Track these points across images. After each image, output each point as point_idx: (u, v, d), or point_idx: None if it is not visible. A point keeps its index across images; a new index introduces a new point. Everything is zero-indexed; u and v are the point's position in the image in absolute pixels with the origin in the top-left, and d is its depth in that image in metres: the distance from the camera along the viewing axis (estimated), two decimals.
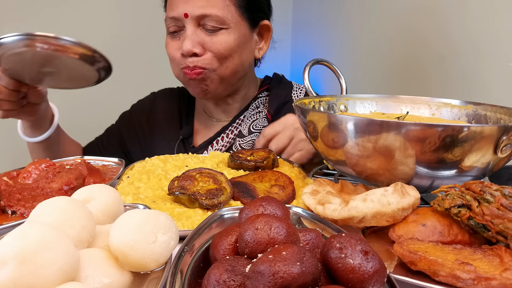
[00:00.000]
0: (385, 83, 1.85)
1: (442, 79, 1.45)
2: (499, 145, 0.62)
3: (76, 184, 0.72)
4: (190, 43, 1.08)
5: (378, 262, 0.38)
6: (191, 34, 1.09)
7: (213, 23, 1.09)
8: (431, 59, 1.52)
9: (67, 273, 0.40)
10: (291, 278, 0.34)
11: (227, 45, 1.10)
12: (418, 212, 0.59)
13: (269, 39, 1.25)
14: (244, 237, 0.41)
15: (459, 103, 0.88)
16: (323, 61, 0.96)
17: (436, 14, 1.48)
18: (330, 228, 0.55)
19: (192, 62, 1.10)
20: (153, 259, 0.46)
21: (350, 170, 0.73)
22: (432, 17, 1.51)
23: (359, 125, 0.65)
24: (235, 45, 1.12)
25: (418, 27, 1.61)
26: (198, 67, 1.10)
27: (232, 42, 1.11)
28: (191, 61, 1.10)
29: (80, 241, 0.47)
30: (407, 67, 1.69)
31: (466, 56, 1.33)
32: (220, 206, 0.67)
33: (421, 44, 1.58)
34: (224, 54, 1.11)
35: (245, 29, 1.16)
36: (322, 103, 0.91)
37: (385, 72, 1.85)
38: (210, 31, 1.10)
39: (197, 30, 1.10)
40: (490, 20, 1.23)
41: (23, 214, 0.64)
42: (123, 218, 0.47)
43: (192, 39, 1.09)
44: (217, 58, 1.11)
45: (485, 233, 0.53)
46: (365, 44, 2.00)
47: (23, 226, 0.40)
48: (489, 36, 1.23)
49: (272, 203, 0.50)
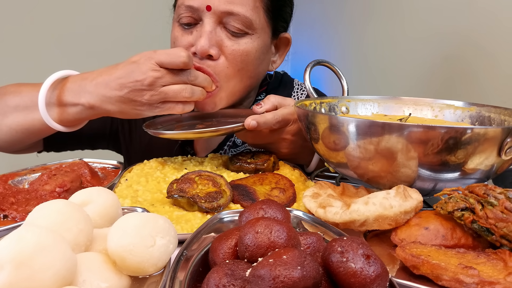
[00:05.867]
0: (387, 84, 1.85)
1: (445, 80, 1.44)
2: (503, 147, 0.62)
3: (71, 187, 0.72)
4: (207, 42, 0.91)
5: (380, 266, 0.38)
6: (210, 31, 0.91)
7: (239, 25, 0.93)
8: (433, 60, 1.51)
9: (64, 277, 0.39)
10: (291, 282, 0.34)
11: (247, 57, 0.95)
12: (421, 216, 0.59)
13: (285, 53, 1.12)
14: (244, 240, 0.41)
15: (462, 105, 0.87)
16: (324, 62, 0.96)
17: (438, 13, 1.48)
18: (331, 232, 0.55)
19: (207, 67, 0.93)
20: (152, 263, 0.45)
21: (351, 173, 0.73)
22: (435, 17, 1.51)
23: (360, 127, 0.64)
24: (254, 57, 0.97)
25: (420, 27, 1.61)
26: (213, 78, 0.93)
27: (253, 54, 0.96)
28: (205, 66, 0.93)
29: (77, 245, 0.46)
30: (408, 68, 1.69)
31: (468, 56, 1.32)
32: (220, 209, 0.67)
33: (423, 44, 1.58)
34: (240, 66, 0.95)
35: (268, 39, 1.02)
36: (323, 105, 0.91)
37: (387, 73, 1.84)
38: (232, 33, 0.94)
39: (217, 28, 0.93)
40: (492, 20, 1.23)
41: (15, 218, 0.64)
42: (121, 222, 0.47)
43: (211, 37, 0.91)
44: (231, 67, 0.95)
45: (489, 237, 0.53)
46: (366, 45, 1.99)
47: (19, 229, 0.40)
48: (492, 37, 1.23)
49: (273, 206, 0.50)
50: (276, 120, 0.86)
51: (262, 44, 0.99)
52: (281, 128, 0.90)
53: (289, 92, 1.23)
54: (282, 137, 0.91)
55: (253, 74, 1.01)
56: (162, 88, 0.81)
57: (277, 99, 0.92)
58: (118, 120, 1.22)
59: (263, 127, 0.86)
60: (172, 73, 0.82)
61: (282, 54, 1.12)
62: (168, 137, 0.88)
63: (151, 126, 0.93)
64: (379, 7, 1.88)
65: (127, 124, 1.23)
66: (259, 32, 0.97)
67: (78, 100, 0.85)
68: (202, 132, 0.85)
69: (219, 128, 0.85)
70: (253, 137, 0.92)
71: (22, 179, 0.81)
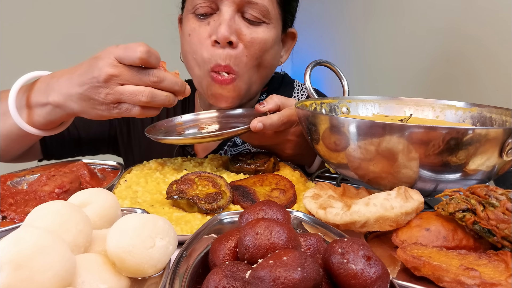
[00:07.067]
0: (388, 84, 1.84)
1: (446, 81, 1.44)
2: (504, 148, 0.61)
3: (70, 188, 0.71)
4: (227, 29, 0.91)
5: (381, 267, 0.38)
6: (229, 19, 0.92)
7: (257, 13, 0.95)
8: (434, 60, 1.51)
9: (63, 278, 0.39)
10: (292, 284, 0.33)
11: (265, 45, 0.97)
12: (422, 217, 0.58)
13: (291, 48, 1.14)
14: (244, 242, 0.41)
15: (464, 105, 0.87)
16: (325, 62, 0.96)
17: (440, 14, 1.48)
18: (332, 233, 0.54)
19: (228, 56, 0.93)
20: (151, 265, 0.45)
21: (352, 174, 0.72)
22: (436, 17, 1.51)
23: (361, 127, 0.64)
24: (270, 46, 0.99)
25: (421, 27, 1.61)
26: (230, 68, 0.94)
27: (270, 41, 0.99)
28: (226, 54, 0.93)
29: (76, 246, 0.46)
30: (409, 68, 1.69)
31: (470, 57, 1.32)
32: (220, 210, 0.66)
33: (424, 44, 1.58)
34: (258, 54, 0.97)
35: (279, 30, 1.04)
36: (323, 105, 0.91)
37: (388, 74, 1.84)
38: (250, 22, 0.95)
39: (235, 16, 0.94)
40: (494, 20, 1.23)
41: (14, 219, 0.63)
42: (120, 223, 0.47)
43: (230, 25, 0.92)
44: (250, 56, 0.96)
45: (490, 238, 0.53)
46: (367, 45, 1.99)
47: (18, 230, 0.40)
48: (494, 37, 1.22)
49: (273, 207, 0.50)
50: (282, 121, 0.85)
51: (276, 35, 1.01)
52: (286, 129, 0.89)
53: (290, 93, 1.23)
54: (287, 138, 0.90)
55: (268, 65, 1.03)
56: (117, 87, 0.75)
57: (280, 99, 0.91)
58: (116, 123, 1.21)
59: (269, 129, 0.85)
60: (132, 71, 0.75)
61: (288, 49, 1.14)
62: (170, 142, 0.87)
63: (153, 131, 0.91)
64: (380, 7, 1.88)
65: (125, 127, 1.22)
66: (274, 22, 0.99)
67: (46, 99, 0.81)
68: (205, 137, 0.84)
69: (222, 133, 0.84)
70: (258, 139, 0.91)
71: (21, 180, 0.80)
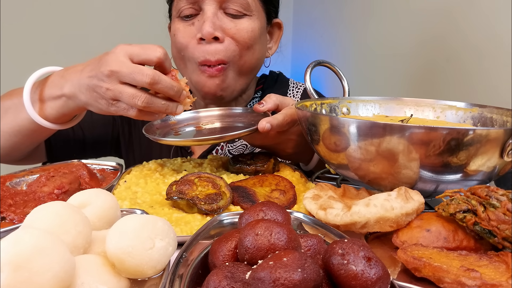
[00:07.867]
0: (388, 85, 1.84)
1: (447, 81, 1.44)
2: (505, 149, 0.61)
3: (69, 188, 0.71)
4: (211, 25, 0.96)
5: (381, 268, 0.38)
6: (212, 16, 0.97)
7: (237, 7, 0.99)
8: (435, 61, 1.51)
9: (63, 280, 0.39)
10: (292, 285, 0.33)
11: (252, 33, 1.01)
12: (422, 217, 0.58)
13: (279, 39, 1.18)
14: (244, 243, 0.41)
15: (464, 106, 0.87)
16: (325, 62, 0.96)
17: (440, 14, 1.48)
18: (332, 234, 0.54)
19: (216, 51, 0.97)
20: (151, 266, 0.45)
21: (352, 174, 0.72)
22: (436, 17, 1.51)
23: (361, 128, 0.64)
24: (257, 35, 1.03)
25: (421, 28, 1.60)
26: (221, 61, 0.98)
27: (256, 31, 1.02)
28: (213, 49, 0.97)
29: (75, 247, 0.46)
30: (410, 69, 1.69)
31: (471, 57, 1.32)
32: (220, 211, 0.66)
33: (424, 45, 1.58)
34: (248, 43, 1.01)
35: (264, 22, 1.08)
36: (324, 106, 0.91)
37: (388, 74, 1.84)
38: (232, 16, 1.00)
39: (217, 13, 0.99)
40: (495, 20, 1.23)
41: (13, 220, 0.63)
42: (120, 224, 0.47)
43: (214, 21, 0.97)
44: (240, 47, 1.00)
45: (491, 239, 0.53)
46: (367, 45, 1.99)
47: (17, 231, 0.40)
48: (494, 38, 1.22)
49: (273, 208, 0.50)
50: (286, 121, 0.85)
51: (260, 25, 1.05)
52: (289, 128, 0.89)
53: (285, 90, 1.24)
54: (288, 137, 0.90)
55: (257, 54, 1.06)
56: (117, 85, 0.74)
57: (278, 98, 0.91)
58: (119, 123, 1.22)
59: (276, 129, 0.84)
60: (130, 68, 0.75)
61: (276, 40, 1.18)
62: (170, 143, 0.86)
63: (150, 131, 0.90)
64: (380, 7, 1.88)
65: (127, 127, 1.23)
66: (256, 14, 1.03)
67: (60, 91, 0.82)
68: (206, 140, 0.83)
69: (225, 135, 0.82)
70: (261, 139, 0.90)
71: (20, 181, 0.80)
